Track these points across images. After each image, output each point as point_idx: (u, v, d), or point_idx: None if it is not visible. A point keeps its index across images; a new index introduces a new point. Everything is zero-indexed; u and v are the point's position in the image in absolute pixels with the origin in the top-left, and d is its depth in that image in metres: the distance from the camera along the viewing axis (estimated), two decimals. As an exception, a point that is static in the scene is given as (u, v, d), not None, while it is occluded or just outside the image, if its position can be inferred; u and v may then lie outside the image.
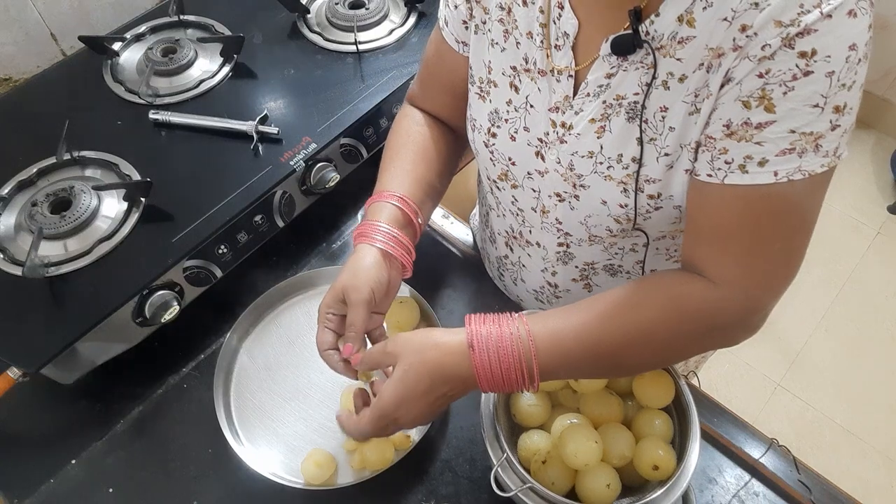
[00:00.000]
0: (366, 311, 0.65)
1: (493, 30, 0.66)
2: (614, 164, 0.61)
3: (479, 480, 0.73)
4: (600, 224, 0.67)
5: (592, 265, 0.74)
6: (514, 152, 0.69)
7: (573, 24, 0.59)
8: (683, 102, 0.55)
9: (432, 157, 0.77)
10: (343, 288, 0.66)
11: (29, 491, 0.74)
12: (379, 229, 0.69)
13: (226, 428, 0.73)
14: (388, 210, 0.71)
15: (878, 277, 2.10)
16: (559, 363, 0.58)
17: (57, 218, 0.80)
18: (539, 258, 0.78)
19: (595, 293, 0.77)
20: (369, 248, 0.68)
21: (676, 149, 0.57)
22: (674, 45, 0.53)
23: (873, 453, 1.75)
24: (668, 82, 0.55)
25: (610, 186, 0.63)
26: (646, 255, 0.71)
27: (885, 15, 2.18)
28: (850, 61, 0.48)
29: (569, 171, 0.65)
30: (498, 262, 0.88)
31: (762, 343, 1.95)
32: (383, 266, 0.68)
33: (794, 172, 0.51)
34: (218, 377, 0.77)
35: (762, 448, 0.75)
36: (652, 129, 0.58)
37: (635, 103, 0.58)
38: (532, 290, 0.84)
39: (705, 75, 0.53)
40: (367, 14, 1.05)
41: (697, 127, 0.55)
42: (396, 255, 0.69)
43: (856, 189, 2.30)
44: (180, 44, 1.02)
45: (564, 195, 0.68)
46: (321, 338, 0.68)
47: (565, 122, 0.63)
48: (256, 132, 0.89)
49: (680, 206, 0.61)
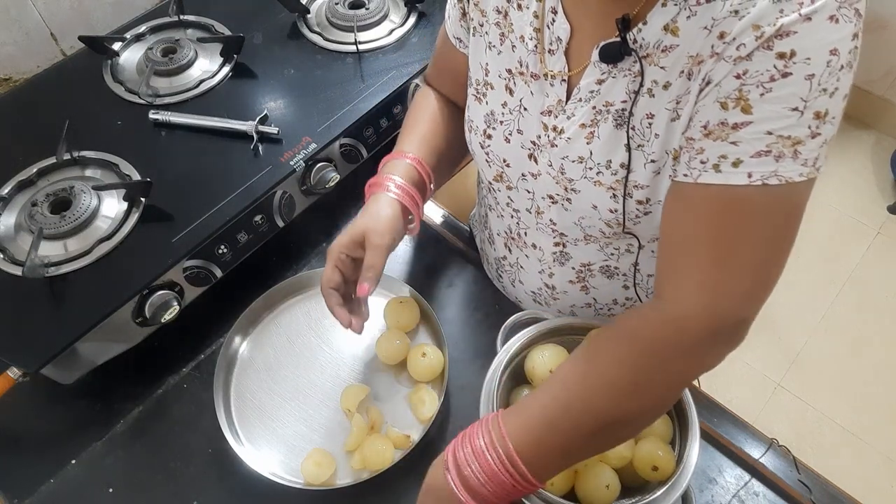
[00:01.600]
0: (385, 255, 0.68)
1: (490, 32, 0.67)
2: (603, 170, 0.62)
3: (479, 480, 0.73)
4: (593, 225, 0.67)
5: (589, 266, 0.75)
6: (509, 154, 0.70)
7: (566, 30, 0.59)
8: (666, 109, 0.55)
9: (447, 131, 0.80)
10: (365, 231, 0.68)
11: (29, 491, 0.74)
12: (395, 182, 0.72)
13: (226, 428, 0.73)
14: (403, 167, 0.74)
15: (877, 277, 2.10)
16: (543, 454, 0.55)
17: (57, 218, 0.80)
18: (536, 259, 0.79)
19: (592, 295, 0.78)
20: (389, 197, 0.71)
21: (662, 155, 0.58)
22: (658, 53, 0.54)
23: (873, 453, 1.75)
24: (653, 90, 0.55)
25: (600, 192, 0.63)
26: (638, 257, 0.71)
27: (885, 15, 2.18)
28: (831, 66, 0.47)
29: (560, 175, 0.66)
30: (497, 264, 0.88)
31: (762, 343, 1.95)
32: (400, 218, 0.71)
33: (769, 176, 0.50)
34: (218, 377, 0.77)
35: (762, 448, 0.75)
36: (639, 135, 0.58)
37: (623, 110, 0.58)
38: (530, 292, 0.84)
39: (686, 82, 0.53)
40: (367, 14, 1.05)
41: (678, 133, 0.55)
42: (410, 208, 0.72)
43: (856, 189, 2.30)
44: (180, 44, 1.02)
45: (557, 197, 0.68)
46: (329, 275, 0.70)
47: (557, 126, 0.64)
48: (256, 132, 0.89)
49: None
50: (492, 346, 0.73)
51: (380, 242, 0.68)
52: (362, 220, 0.69)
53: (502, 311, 0.87)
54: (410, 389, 0.78)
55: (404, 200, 0.72)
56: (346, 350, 0.83)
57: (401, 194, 0.72)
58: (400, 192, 0.72)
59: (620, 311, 0.79)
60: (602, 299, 0.78)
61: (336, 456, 0.74)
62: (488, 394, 0.68)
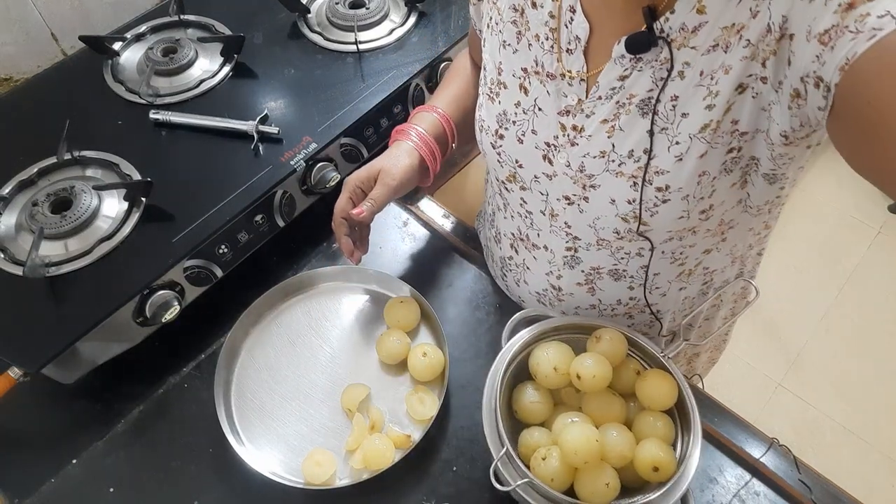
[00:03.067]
0: (390, 195, 0.77)
1: (506, 31, 0.66)
2: (626, 160, 0.61)
3: (479, 480, 0.73)
4: (608, 226, 0.67)
5: (598, 270, 0.74)
6: (522, 155, 0.70)
7: (585, 29, 0.59)
8: (696, 87, 0.55)
9: (477, 94, 0.82)
10: (381, 168, 0.78)
11: (29, 491, 0.74)
12: (419, 132, 0.81)
13: (226, 428, 0.73)
14: (430, 120, 0.82)
15: (878, 277, 2.10)
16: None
17: (57, 218, 0.81)
18: (545, 261, 0.78)
19: (598, 297, 0.78)
20: (409, 146, 0.80)
21: (686, 139, 0.57)
22: (688, 34, 0.53)
23: (874, 453, 1.75)
24: (684, 71, 0.55)
25: (620, 182, 0.62)
26: (650, 260, 0.70)
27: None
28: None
29: (579, 174, 0.65)
30: (501, 263, 0.88)
31: (762, 343, 1.95)
32: (415, 168, 0.79)
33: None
34: (219, 376, 0.77)
35: (763, 447, 0.75)
36: (663, 118, 0.57)
37: (649, 99, 0.57)
38: (535, 293, 0.84)
39: (721, 55, 0.52)
40: (367, 14, 1.05)
41: (716, 109, 0.54)
42: (427, 160, 0.81)
43: (856, 189, 2.30)
44: (181, 44, 1.02)
45: (573, 198, 0.68)
46: (343, 205, 0.78)
47: (576, 125, 0.63)
48: (257, 132, 0.89)
49: (688, 195, 0.60)
50: (492, 346, 0.73)
51: (389, 182, 0.77)
52: (382, 160, 0.79)
53: (503, 311, 0.87)
54: (411, 389, 0.78)
55: (422, 151, 0.80)
56: (346, 350, 0.83)
57: (420, 145, 0.80)
58: (420, 143, 0.80)
59: (623, 310, 0.79)
60: (607, 300, 0.78)
61: (336, 456, 0.74)
62: (491, 388, 0.68)
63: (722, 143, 0.57)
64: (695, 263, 0.72)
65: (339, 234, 0.79)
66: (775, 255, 2.11)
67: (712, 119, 0.55)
